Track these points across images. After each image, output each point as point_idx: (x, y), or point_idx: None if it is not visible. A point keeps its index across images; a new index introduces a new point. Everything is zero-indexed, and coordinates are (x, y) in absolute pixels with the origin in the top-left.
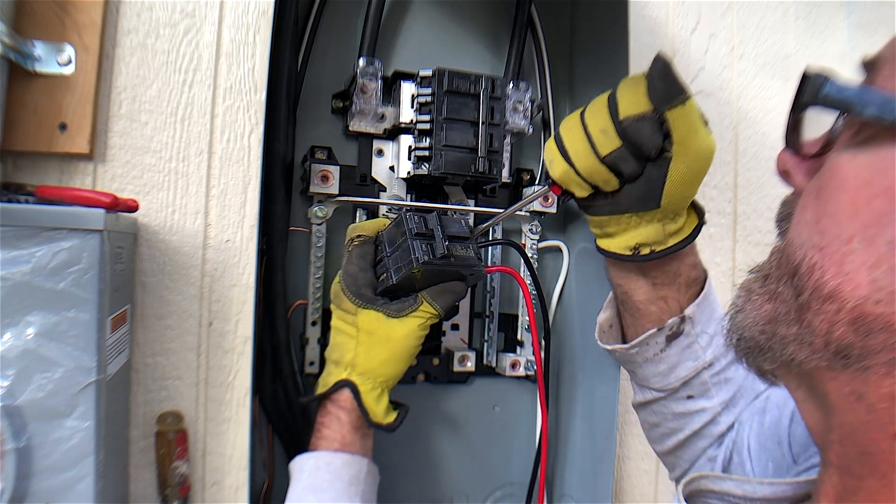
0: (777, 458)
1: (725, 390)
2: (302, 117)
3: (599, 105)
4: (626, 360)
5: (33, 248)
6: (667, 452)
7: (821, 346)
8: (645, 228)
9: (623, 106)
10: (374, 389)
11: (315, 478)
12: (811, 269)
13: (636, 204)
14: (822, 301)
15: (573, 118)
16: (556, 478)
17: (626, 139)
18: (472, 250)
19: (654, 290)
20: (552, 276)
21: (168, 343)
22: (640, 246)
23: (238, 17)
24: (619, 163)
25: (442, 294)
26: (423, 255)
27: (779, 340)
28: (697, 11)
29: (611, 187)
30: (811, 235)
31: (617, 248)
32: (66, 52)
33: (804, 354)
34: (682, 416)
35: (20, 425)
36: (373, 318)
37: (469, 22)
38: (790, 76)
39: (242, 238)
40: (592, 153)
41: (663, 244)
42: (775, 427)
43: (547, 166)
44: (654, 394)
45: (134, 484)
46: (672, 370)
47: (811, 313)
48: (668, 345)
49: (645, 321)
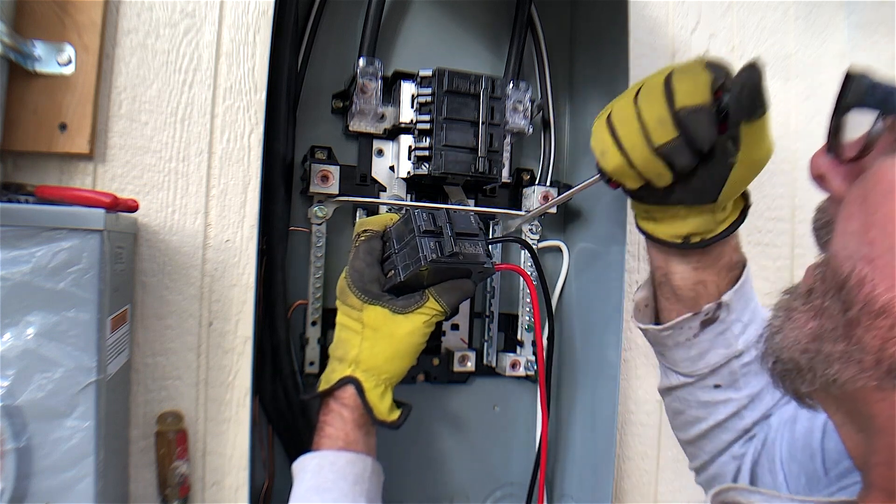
0: (810, 471)
1: (753, 384)
2: (302, 117)
3: (656, 91)
4: (658, 341)
5: (33, 248)
6: (689, 441)
7: (871, 365)
8: (695, 219)
9: (680, 95)
10: (378, 386)
11: (319, 478)
12: (861, 282)
13: (691, 198)
14: (874, 316)
15: (626, 104)
16: (556, 478)
17: (683, 130)
18: (481, 247)
19: (695, 273)
20: (552, 277)
21: (168, 343)
22: (690, 235)
23: (238, 17)
24: (673, 155)
25: (449, 291)
26: (431, 252)
27: (823, 359)
28: (697, 11)
29: (664, 182)
30: (859, 247)
31: (664, 236)
32: (66, 52)
33: (851, 373)
34: (707, 405)
35: (20, 425)
36: (378, 314)
37: (469, 22)
38: (790, 76)
39: (242, 238)
40: (647, 144)
41: (713, 232)
42: (807, 438)
43: (598, 157)
44: (681, 379)
45: (134, 484)
46: (702, 356)
47: (861, 329)
48: (701, 330)
49: (682, 304)
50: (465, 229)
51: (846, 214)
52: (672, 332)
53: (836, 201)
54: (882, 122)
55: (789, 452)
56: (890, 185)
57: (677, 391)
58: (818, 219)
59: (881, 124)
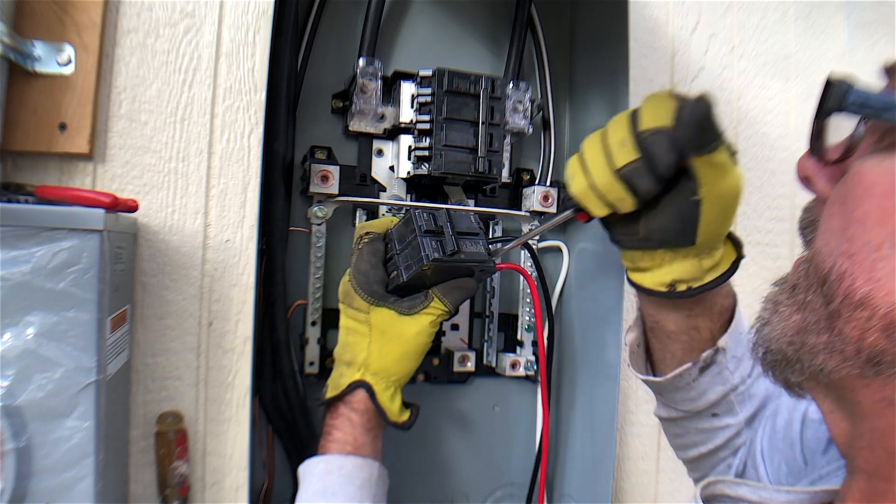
0: (790, 459)
1: (749, 406)
2: (302, 117)
3: (622, 119)
4: (657, 389)
5: (33, 248)
6: (689, 461)
7: (852, 354)
8: (680, 264)
9: (643, 120)
10: (388, 388)
11: (325, 481)
12: (841, 276)
13: (669, 239)
14: (854, 308)
15: (596, 134)
16: (556, 478)
17: (643, 151)
18: (482, 246)
19: (687, 320)
20: (552, 277)
21: (168, 343)
22: (676, 282)
23: (238, 17)
24: (633, 177)
25: (452, 290)
26: (432, 252)
27: (808, 351)
28: (697, 11)
29: (626, 207)
30: (840, 243)
31: (651, 285)
32: (66, 52)
33: (835, 363)
34: (707, 431)
35: (20, 425)
36: (385, 316)
37: (469, 22)
38: (790, 76)
39: (242, 238)
40: (608, 165)
41: (701, 280)
42: (787, 429)
43: (567, 182)
44: (680, 412)
45: (134, 484)
46: (701, 396)
47: (842, 321)
48: (700, 375)
49: (675, 347)
50: (466, 228)
51: (828, 213)
52: (672, 380)
53: (822, 202)
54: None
55: (770, 443)
56: (868, 184)
57: (676, 421)
58: (804, 218)
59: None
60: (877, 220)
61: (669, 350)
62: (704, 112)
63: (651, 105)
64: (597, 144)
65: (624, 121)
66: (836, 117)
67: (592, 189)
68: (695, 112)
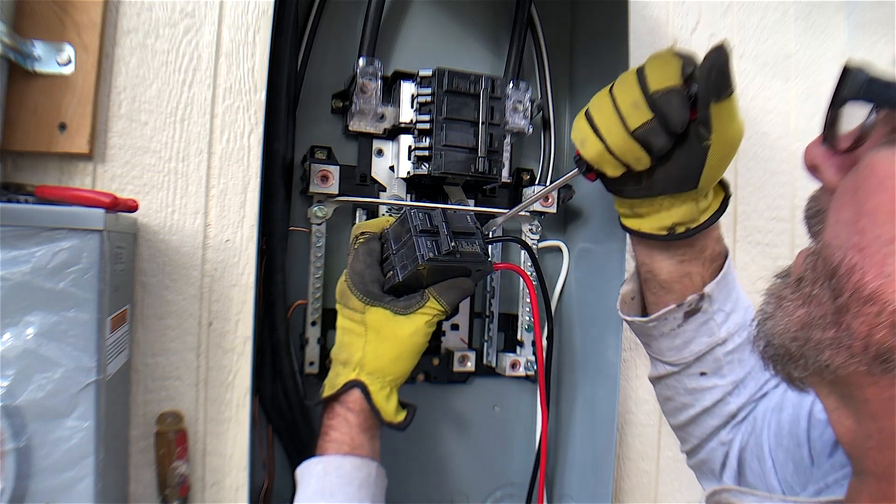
0: (797, 458)
1: (737, 371)
2: (302, 117)
3: (629, 80)
4: (643, 332)
5: (33, 248)
6: (679, 426)
7: (860, 350)
8: (679, 208)
9: (652, 80)
10: (383, 388)
11: (324, 482)
12: (850, 270)
13: (672, 186)
14: (863, 303)
15: (602, 95)
16: (556, 478)
17: (656, 111)
18: (478, 245)
19: (680, 266)
20: (552, 277)
21: (168, 343)
22: (675, 225)
23: (238, 17)
24: (649, 136)
25: (448, 290)
26: (428, 251)
27: (813, 346)
28: (697, 11)
29: (642, 165)
30: (850, 236)
31: (650, 229)
32: (66, 52)
33: (841, 359)
34: (694, 391)
35: (20, 425)
36: (381, 316)
37: (469, 22)
38: (790, 76)
39: (242, 238)
40: (623, 128)
41: (697, 221)
42: (793, 426)
43: (578, 147)
44: (668, 368)
45: (134, 484)
46: (687, 345)
47: (850, 316)
48: (685, 320)
49: (667, 297)
50: (462, 228)
51: (838, 204)
52: (657, 324)
53: (829, 191)
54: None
55: (776, 439)
56: (881, 176)
57: (666, 379)
58: (810, 207)
59: (874, 117)
60: (889, 214)
61: (663, 301)
62: (725, 60)
63: (657, 65)
64: (608, 107)
65: (632, 81)
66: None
67: (608, 151)
68: (718, 60)
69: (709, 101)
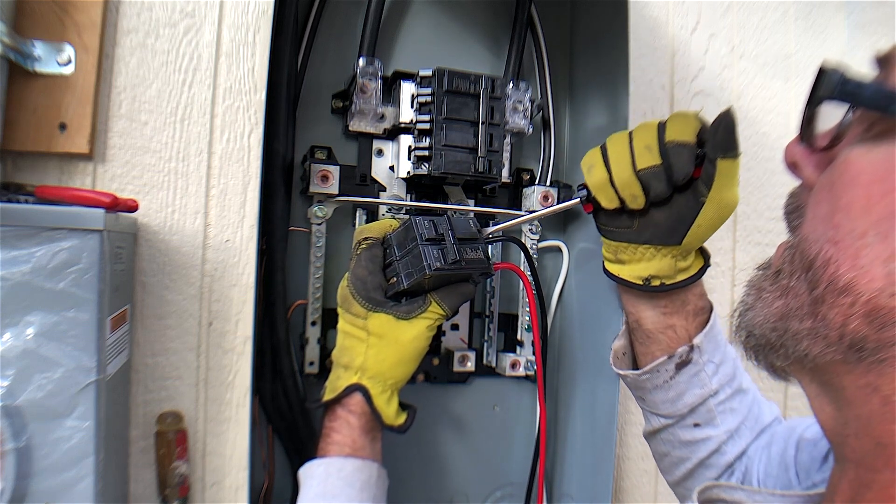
0: (784, 481)
1: (730, 420)
2: (302, 117)
3: (650, 127)
4: (637, 385)
5: (33, 248)
6: (677, 482)
7: (836, 339)
8: (658, 262)
9: (670, 131)
10: (384, 392)
11: (326, 485)
12: (826, 262)
13: (658, 237)
14: (837, 294)
15: (621, 134)
16: (556, 478)
17: (665, 158)
18: (481, 251)
19: (664, 318)
20: (552, 276)
21: (168, 343)
22: (651, 277)
23: (238, 17)
24: (651, 179)
25: (451, 295)
26: (435, 261)
27: (791, 336)
28: (697, 11)
29: (636, 205)
30: (826, 230)
31: (629, 276)
32: (66, 52)
33: (819, 349)
34: (689, 444)
35: (20, 425)
36: (383, 322)
37: (469, 22)
38: (790, 76)
39: (242, 238)
40: (631, 164)
41: (672, 279)
42: (781, 456)
43: (585, 172)
44: (663, 420)
45: (134, 484)
46: (680, 397)
47: (826, 307)
48: (677, 372)
49: (655, 348)
50: (466, 234)
51: (815, 200)
52: (650, 376)
53: (808, 188)
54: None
55: (766, 471)
56: (856, 174)
57: (661, 433)
58: (789, 203)
59: (850, 116)
60: (862, 209)
61: (650, 351)
62: (733, 121)
63: (678, 121)
64: (623, 144)
65: (652, 129)
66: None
67: (610, 183)
68: (726, 120)
69: (715, 156)
